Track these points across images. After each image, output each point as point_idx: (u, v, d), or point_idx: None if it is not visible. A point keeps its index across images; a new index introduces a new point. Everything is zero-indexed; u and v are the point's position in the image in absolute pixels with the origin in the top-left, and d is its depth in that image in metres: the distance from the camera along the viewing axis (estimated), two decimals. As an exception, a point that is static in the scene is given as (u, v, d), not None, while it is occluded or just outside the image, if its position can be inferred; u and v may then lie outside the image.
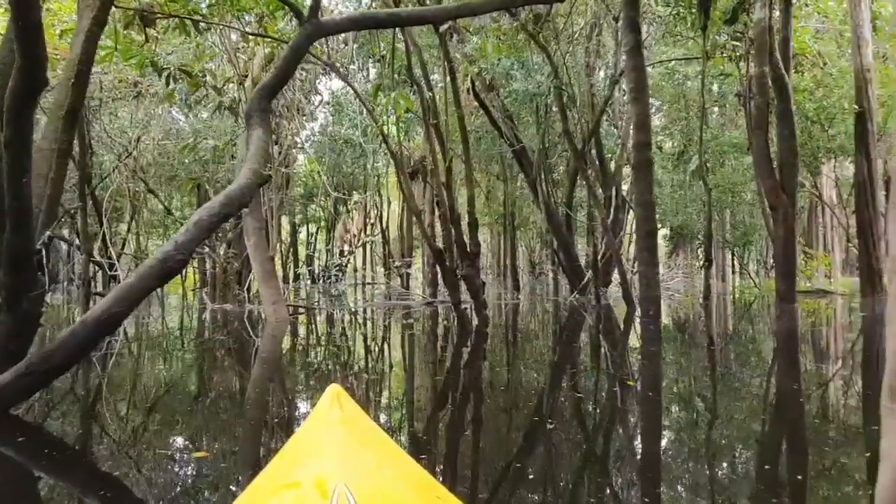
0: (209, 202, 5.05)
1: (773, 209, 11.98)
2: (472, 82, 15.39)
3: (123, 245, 27.18)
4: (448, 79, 9.82)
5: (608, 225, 14.18)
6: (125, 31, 9.89)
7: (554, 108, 17.35)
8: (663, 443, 3.81)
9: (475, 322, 9.55)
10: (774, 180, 11.88)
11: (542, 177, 16.61)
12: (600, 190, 16.06)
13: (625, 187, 18.38)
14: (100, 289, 22.49)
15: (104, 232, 18.50)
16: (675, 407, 4.71)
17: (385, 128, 9.64)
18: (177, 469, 3.38)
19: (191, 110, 15.60)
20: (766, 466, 3.28)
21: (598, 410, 4.62)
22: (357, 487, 1.25)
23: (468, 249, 9.81)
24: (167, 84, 10.67)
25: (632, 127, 9.98)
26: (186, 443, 3.93)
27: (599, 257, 14.90)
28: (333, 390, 1.71)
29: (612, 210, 16.24)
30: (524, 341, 8.59)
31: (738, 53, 14.30)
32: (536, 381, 5.74)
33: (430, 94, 9.45)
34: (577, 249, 18.21)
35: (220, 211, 4.99)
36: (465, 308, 9.45)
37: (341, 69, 21.45)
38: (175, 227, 28.20)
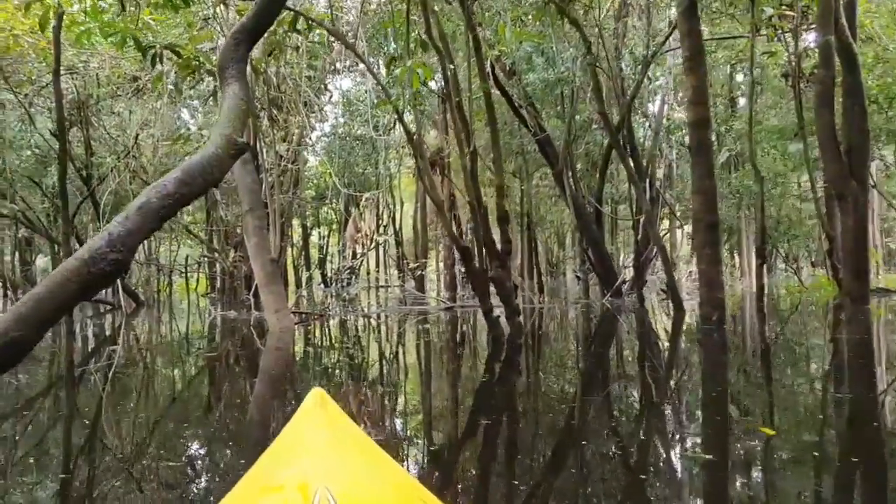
0: (160, 180, 3.56)
1: (841, 198, 10.36)
2: (492, 67, 13.85)
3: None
4: (472, 49, 8.27)
5: (653, 218, 12.60)
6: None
7: (582, 93, 15.89)
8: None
9: (507, 331, 8.00)
10: (842, 165, 10.26)
11: (569, 168, 15.07)
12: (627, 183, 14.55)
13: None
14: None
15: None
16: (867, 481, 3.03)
17: (401, 104, 8.06)
18: None
19: (181, 96, 14.19)
20: None
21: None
22: (339, 490, 1.23)
23: (498, 247, 8.28)
24: (153, 65, 9.22)
25: (687, 101, 8.42)
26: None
27: (641, 255, 13.31)
28: (316, 393, 1.73)
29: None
30: (572, 358, 7.03)
31: (788, 27, 12.70)
32: (622, 427, 4.09)
33: (452, 66, 7.92)
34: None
35: (175, 190, 3.49)
36: (497, 315, 7.90)
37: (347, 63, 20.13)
38: (181, 233, 26.96)
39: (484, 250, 8.55)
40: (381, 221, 21.29)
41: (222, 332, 11.49)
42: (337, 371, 6.82)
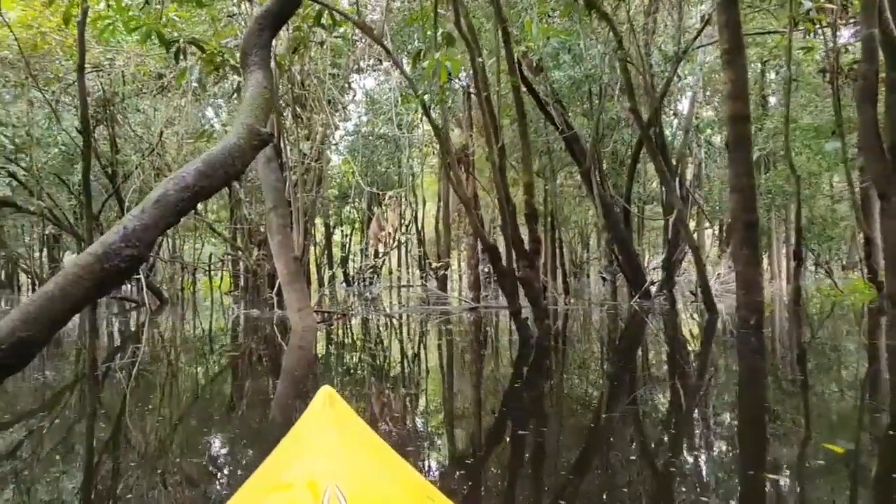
0: (179, 171, 3.34)
1: (884, 198, 9.88)
2: (519, 63, 13.56)
3: (159, 248, 26.04)
4: (501, 41, 7.99)
5: (684, 218, 12.22)
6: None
7: (610, 91, 15.53)
8: None
9: (535, 333, 7.72)
10: (885, 163, 9.79)
11: (597, 167, 14.73)
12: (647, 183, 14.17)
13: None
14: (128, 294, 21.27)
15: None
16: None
17: (427, 99, 7.80)
18: None
19: (205, 93, 14.08)
20: None
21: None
22: (348, 488, 1.22)
23: (526, 247, 7.99)
24: (176, 60, 9.08)
25: (725, 95, 8.05)
26: None
27: (672, 256, 12.92)
28: (325, 392, 1.73)
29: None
30: (605, 364, 6.73)
31: (826, 21, 12.23)
32: (669, 442, 3.78)
33: (481, 59, 7.65)
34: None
35: (194, 182, 3.28)
36: (526, 317, 7.61)
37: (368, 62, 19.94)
38: (205, 231, 26.99)
39: (512, 249, 8.25)
40: (403, 220, 21.05)
41: (245, 330, 11.35)
42: (359, 372, 6.59)
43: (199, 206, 28.13)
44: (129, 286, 21.74)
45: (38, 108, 16.07)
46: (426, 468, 3.22)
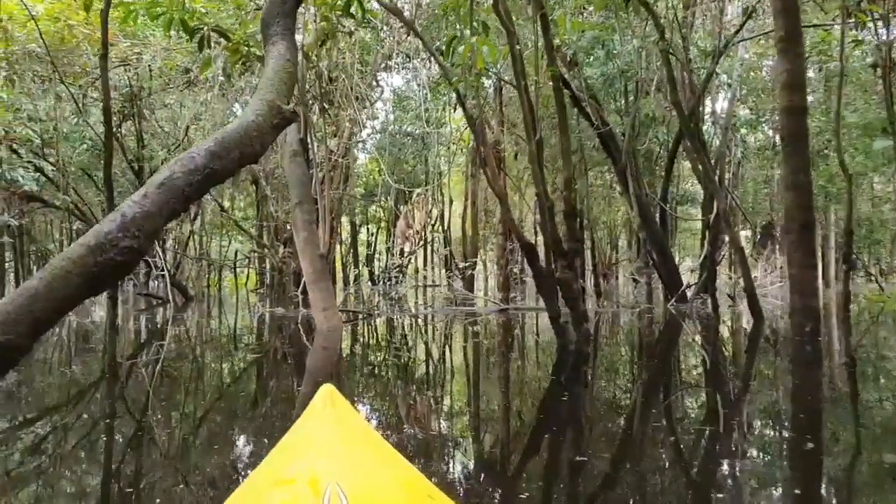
0: (187, 151, 2.91)
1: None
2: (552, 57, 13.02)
3: (186, 245, 25.93)
4: (539, 30, 7.47)
5: (727, 217, 11.58)
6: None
7: (646, 86, 14.92)
8: None
9: (574, 339, 7.18)
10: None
11: (632, 165, 14.12)
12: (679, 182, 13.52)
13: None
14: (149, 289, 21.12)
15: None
16: None
17: (462, 87, 7.31)
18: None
19: (231, 84, 13.72)
20: None
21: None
22: (349, 485, 1.23)
23: (565, 246, 7.46)
24: (200, 49, 8.71)
25: (780, 86, 7.44)
26: None
27: (711, 258, 12.28)
28: (326, 390, 1.75)
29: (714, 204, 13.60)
30: (657, 374, 6.17)
31: (879, 12, 11.50)
32: (751, 470, 3.25)
33: (518, 47, 7.14)
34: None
35: (205, 164, 2.83)
36: (566, 321, 7.08)
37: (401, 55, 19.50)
38: (232, 228, 26.81)
39: (548, 248, 7.74)
40: (430, 218, 20.57)
41: (269, 329, 10.98)
42: (385, 376, 6.14)
43: (226, 204, 28.00)
44: (154, 283, 21.57)
45: (66, 103, 15.88)
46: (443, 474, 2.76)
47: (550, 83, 8.36)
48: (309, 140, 11.15)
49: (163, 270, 15.20)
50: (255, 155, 3.03)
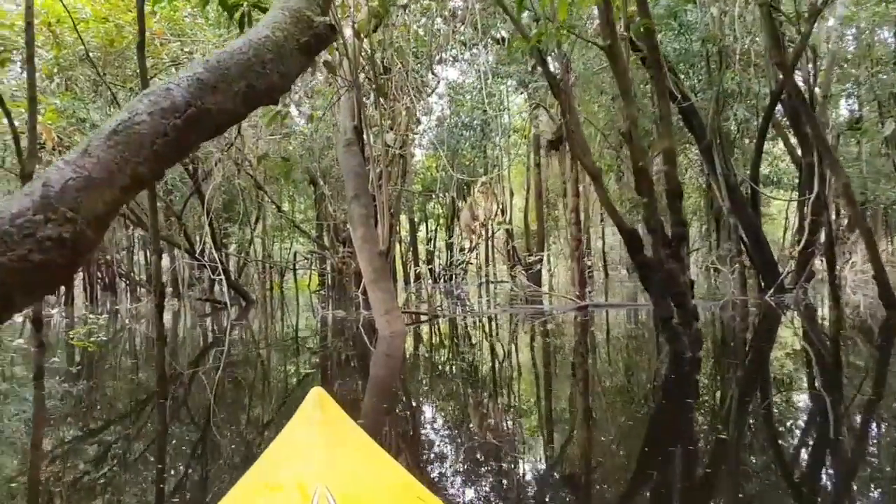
0: (163, 82, 1.78)
1: None
2: (627, 26, 11.61)
3: (248, 248, 25.54)
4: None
5: (825, 199, 9.99)
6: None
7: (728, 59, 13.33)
8: None
9: (685, 342, 5.85)
10: None
11: (719, 142, 12.58)
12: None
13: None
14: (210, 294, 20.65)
15: (212, 230, 16.26)
16: None
17: (544, 44, 6.05)
18: None
19: None
20: None
21: None
22: (338, 489, 1.22)
23: (667, 232, 6.16)
24: (241, 28, 7.76)
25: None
26: None
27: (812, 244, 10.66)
28: (315, 393, 1.72)
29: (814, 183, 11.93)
30: (813, 397, 4.77)
31: None
32: None
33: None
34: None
35: (188, 100, 1.71)
36: (678, 322, 5.74)
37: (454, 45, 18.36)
38: (292, 230, 26.24)
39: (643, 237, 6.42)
40: (496, 208, 19.31)
41: (329, 335, 10.01)
42: (461, 395, 4.98)
43: (286, 206, 27.51)
44: (219, 288, 21.06)
45: (119, 107, 15.40)
46: None
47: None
48: (364, 129, 10.13)
49: (220, 275, 14.48)
50: (270, 90, 1.90)
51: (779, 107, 13.19)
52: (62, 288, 26.35)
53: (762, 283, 12.57)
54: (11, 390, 5.79)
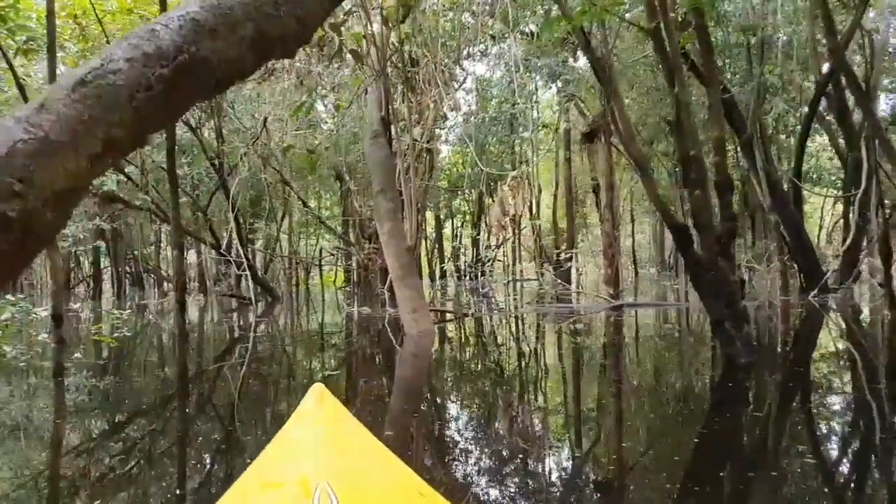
0: (158, 19, 1.39)
1: None
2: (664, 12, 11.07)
3: (275, 245, 25.40)
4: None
5: (879, 195, 9.39)
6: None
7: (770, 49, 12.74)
8: None
9: (739, 347, 5.37)
10: None
11: (759, 136, 12.00)
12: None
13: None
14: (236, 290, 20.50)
15: (238, 226, 16.06)
16: None
17: (586, 19, 5.58)
18: None
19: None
20: None
21: None
22: (339, 486, 1.20)
23: (715, 226, 5.67)
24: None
25: None
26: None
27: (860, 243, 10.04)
28: (316, 389, 1.71)
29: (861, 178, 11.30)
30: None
31: None
32: None
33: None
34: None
35: (178, 45, 1.33)
36: (731, 325, 5.26)
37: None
38: (319, 228, 26.04)
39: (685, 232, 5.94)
40: (526, 202, 18.77)
41: (353, 333, 9.68)
42: (497, 402, 4.58)
43: (313, 203, 27.32)
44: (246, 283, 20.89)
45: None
46: None
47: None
48: (391, 121, 9.76)
49: (245, 270, 14.25)
50: (284, 38, 1.51)
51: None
52: (90, 283, 26.49)
53: (803, 284, 11.98)
54: (27, 391, 5.54)
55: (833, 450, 3.29)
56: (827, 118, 14.60)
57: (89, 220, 16.69)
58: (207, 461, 3.37)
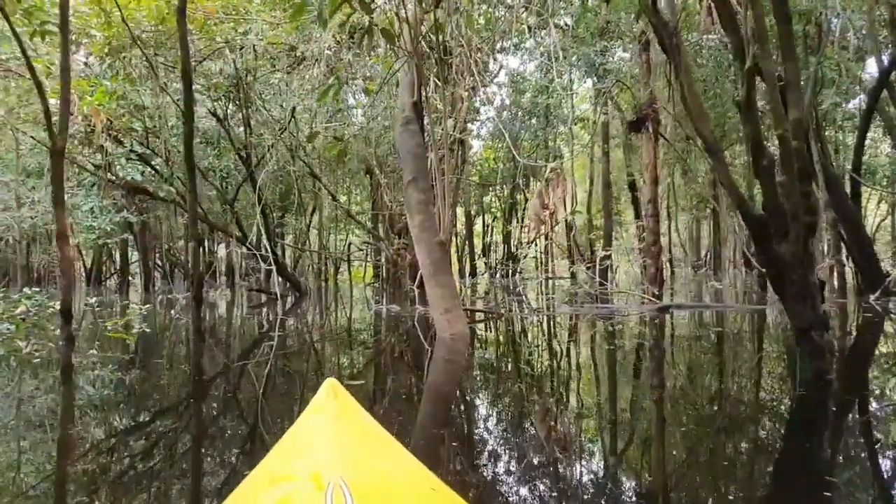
0: None
1: None
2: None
3: (305, 240, 25.01)
4: None
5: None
6: None
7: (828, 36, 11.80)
8: None
9: (829, 360, 4.60)
10: None
11: (816, 128, 11.07)
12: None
13: None
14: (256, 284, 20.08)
15: (266, 220, 15.58)
16: None
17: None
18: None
19: (327, 30, 11.83)
20: None
21: None
22: (352, 480, 1.17)
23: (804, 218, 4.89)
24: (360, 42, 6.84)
25: None
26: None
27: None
28: (330, 383, 1.70)
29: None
30: None
31: None
32: None
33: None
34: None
35: None
36: (816, 332, 4.48)
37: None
38: (348, 223, 25.53)
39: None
40: (569, 196, 17.95)
41: (382, 333, 9.06)
42: (554, 424, 3.88)
43: (343, 198, 26.83)
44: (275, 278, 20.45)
45: (174, 93, 14.80)
46: None
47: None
48: (424, 108, 9.12)
49: (270, 265, 13.76)
50: None
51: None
52: (120, 276, 26.41)
53: (861, 285, 11.04)
54: (32, 393, 5.01)
55: None
56: (887, 110, 13.58)
57: (117, 212, 16.39)
58: (219, 460, 3.11)
